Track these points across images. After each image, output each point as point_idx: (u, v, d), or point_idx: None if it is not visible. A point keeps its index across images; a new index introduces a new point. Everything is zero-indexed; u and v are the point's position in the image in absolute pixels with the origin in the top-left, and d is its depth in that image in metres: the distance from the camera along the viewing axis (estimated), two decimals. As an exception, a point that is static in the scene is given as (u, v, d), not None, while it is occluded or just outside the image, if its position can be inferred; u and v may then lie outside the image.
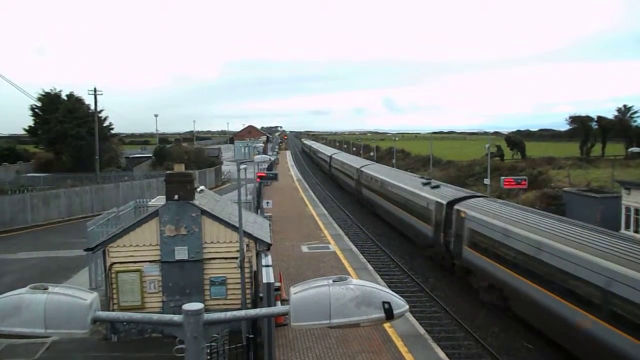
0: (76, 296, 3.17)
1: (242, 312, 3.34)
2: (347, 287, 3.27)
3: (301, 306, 3.24)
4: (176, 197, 17.14)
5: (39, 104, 56.74)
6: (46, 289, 3.17)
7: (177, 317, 3.21)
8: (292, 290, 3.35)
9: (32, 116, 57.51)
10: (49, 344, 16.70)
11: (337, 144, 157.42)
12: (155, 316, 3.29)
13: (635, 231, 27.78)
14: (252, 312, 3.39)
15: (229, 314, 3.29)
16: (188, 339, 3.20)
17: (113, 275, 17.22)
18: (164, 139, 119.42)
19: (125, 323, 16.85)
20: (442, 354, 16.31)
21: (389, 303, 3.27)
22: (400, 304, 3.33)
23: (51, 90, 58.42)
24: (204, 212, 17.38)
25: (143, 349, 16.50)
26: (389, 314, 3.26)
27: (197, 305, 3.21)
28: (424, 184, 33.52)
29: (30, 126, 58.58)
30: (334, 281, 3.32)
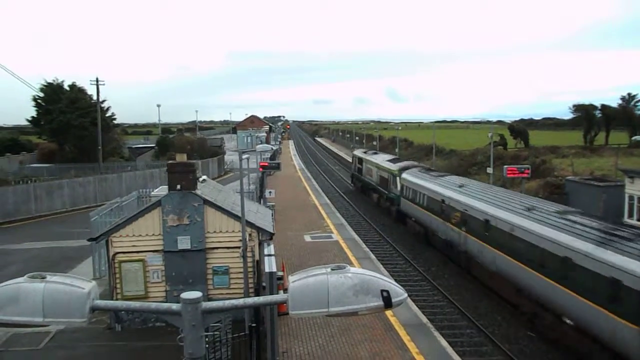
0: (74, 285, 3.17)
1: (241, 301, 3.35)
2: (345, 276, 3.27)
3: (299, 294, 3.23)
4: (179, 187, 17.15)
5: (41, 94, 56.64)
6: (44, 277, 3.17)
7: (175, 306, 3.22)
8: (291, 278, 3.34)
9: (35, 107, 57.45)
10: (53, 333, 16.81)
11: (340, 133, 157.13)
12: (154, 305, 3.29)
13: (639, 219, 27.68)
14: (251, 300, 3.39)
15: (227, 303, 3.29)
16: (187, 327, 3.21)
17: (116, 265, 17.28)
18: (166, 129, 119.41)
19: (128, 312, 16.95)
20: (444, 342, 16.37)
21: (387, 291, 3.26)
22: (398, 292, 3.31)
23: (53, 80, 58.31)
24: (206, 202, 17.40)
25: (147, 338, 16.59)
26: (388, 303, 3.26)
27: (195, 294, 3.21)
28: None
29: (33, 117, 58.55)
30: (332, 269, 3.31)
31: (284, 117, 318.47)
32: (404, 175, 37.71)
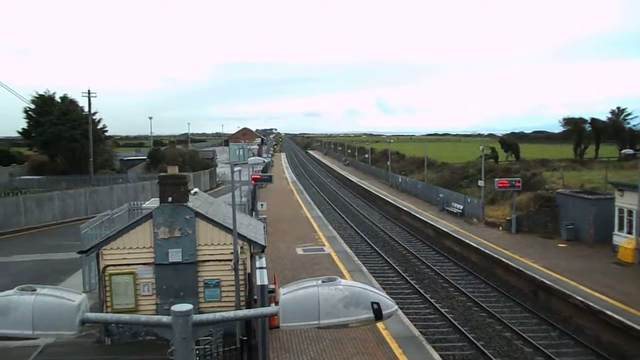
0: (64, 297, 3.16)
1: (231, 313, 3.34)
2: (336, 288, 3.27)
3: (290, 307, 3.23)
4: (170, 199, 17.11)
5: (32, 106, 56.43)
6: (34, 290, 3.16)
7: (165, 318, 3.21)
8: (282, 291, 3.35)
9: (26, 118, 57.16)
10: (42, 347, 16.61)
11: (332, 145, 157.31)
12: (144, 317, 3.28)
13: (629, 232, 27.83)
14: (241, 312, 3.39)
15: (218, 315, 3.28)
16: (177, 340, 3.20)
17: (107, 278, 17.17)
18: (158, 141, 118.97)
19: (118, 325, 16.82)
20: (436, 356, 16.33)
21: (378, 303, 3.27)
22: (389, 304, 3.32)
23: (45, 92, 58.15)
24: (198, 215, 17.36)
25: (137, 352, 16.44)
26: (378, 315, 3.26)
27: (186, 307, 3.20)
28: None
29: (24, 128, 58.23)
30: (323, 282, 3.32)
31: (276, 129, 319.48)
32: None
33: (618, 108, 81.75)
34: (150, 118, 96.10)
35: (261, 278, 13.81)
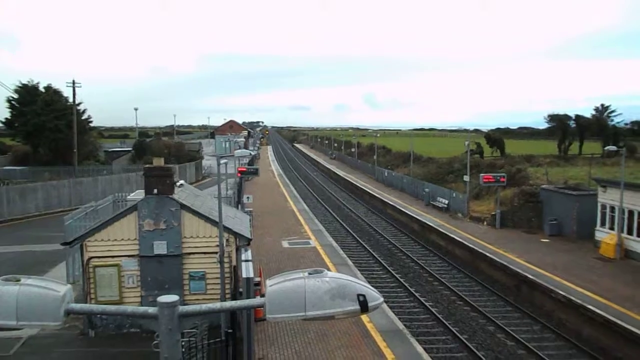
0: (49, 288, 3.14)
1: (218, 305, 3.34)
2: (322, 280, 3.29)
3: (277, 298, 3.24)
4: (155, 191, 17.01)
5: (16, 95, 55.78)
6: (19, 280, 3.13)
7: (152, 309, 3.20)
8: (268, 282, 3.35)
9: (9, 108, 56.53)
10: (24, 339, 16.49)
11: (319, 139, 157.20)
12: (130, 308, 3.27)
13: (611, 228, 28.20)
14: (228, 304, 3.39)
15: (204, 306, 3.28)
16: (163, 331, 3.19)
17: (91, 270, 17.05)
18: (143, 132, 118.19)
19: (102, 318, 16.74)
20: (420, 349, 16.45)
21: (363, 296, 3.29)
22: (375, 296, 3.34)
23: (28, 82, 57.49)
24: (183, 207, 17.28)
25: (121, 344, 16.37)
26: (364, 307, 3.28)
27: (172, 298, 3.20)
28: None
29: (6, 118, 57.60)
30: (309, 274, 3.33)
31: (262, 122, 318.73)
32: None
33: (602, 105, 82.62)
34: (136, 109, 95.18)
35: (247, 271, 13.79)
